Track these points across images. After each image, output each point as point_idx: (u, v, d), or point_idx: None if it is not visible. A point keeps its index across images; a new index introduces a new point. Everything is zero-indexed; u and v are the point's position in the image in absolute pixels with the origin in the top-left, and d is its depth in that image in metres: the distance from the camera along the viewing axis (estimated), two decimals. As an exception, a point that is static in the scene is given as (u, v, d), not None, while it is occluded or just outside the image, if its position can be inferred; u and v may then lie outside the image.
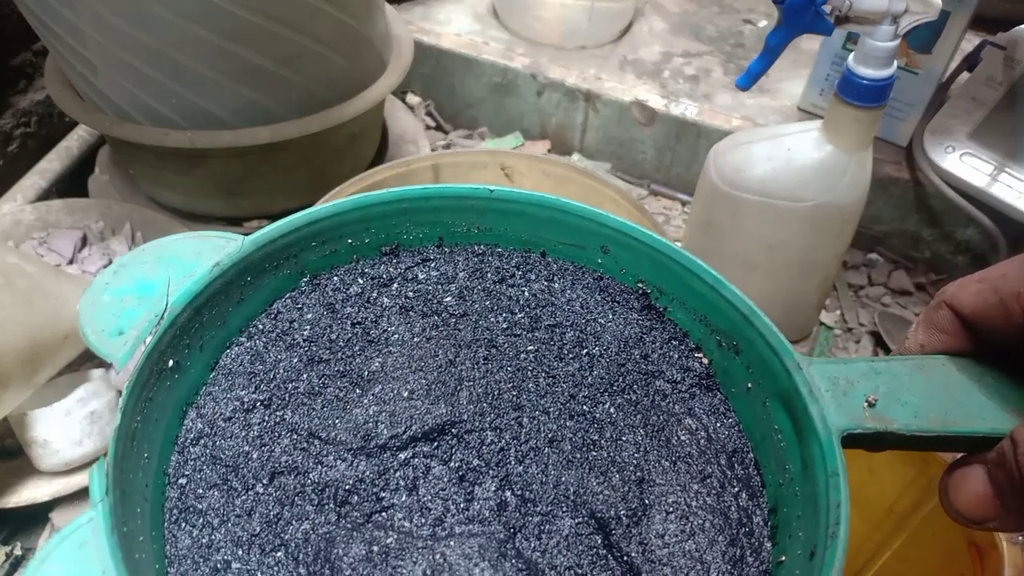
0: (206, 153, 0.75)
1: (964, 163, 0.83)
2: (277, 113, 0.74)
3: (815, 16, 0.60)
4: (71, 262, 0.79)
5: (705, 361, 0.35)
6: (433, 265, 0.37)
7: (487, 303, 0.36)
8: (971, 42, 0.88)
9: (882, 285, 0.92)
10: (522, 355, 0.34)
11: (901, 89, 0.85)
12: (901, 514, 0.57)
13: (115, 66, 0.70)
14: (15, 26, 0.87)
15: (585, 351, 0.34)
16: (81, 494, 0.66)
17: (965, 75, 0.87)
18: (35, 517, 0.67)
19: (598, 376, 0.34)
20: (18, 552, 0.66)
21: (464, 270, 0.37)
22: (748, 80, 0.67)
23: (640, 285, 0.36)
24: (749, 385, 0.32)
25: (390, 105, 1.01)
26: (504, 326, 0.35)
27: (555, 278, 0.37)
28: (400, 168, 0.70)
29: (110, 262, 0.79)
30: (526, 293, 0.36)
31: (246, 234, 0.33)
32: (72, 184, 0.91)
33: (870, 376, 0.29)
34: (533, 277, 0.37)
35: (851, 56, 0.64)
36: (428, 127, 1.09)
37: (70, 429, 0.63)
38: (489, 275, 0.37)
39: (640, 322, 0.36)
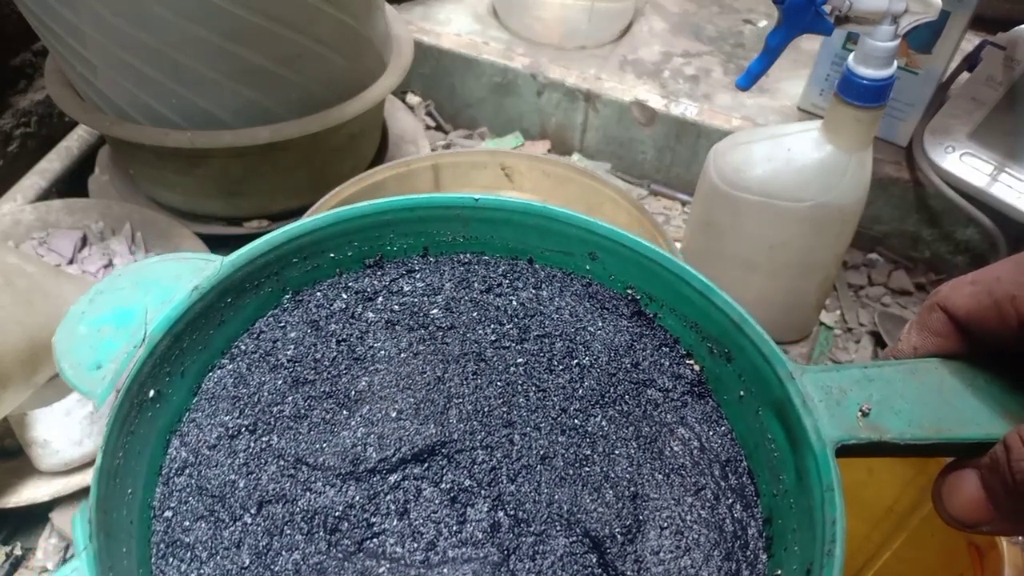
0: (206, 153, 0.75)
1: (964, 163, 0.83)
2: (277, 113, 0.74)
3: (815, 16, 0.60)
4: (71, 262, 0.79)
5: (696, 368, 0.34)
6: (419, 276, 0.36)
7: (474, 314, 0.35)
8: (971, 42, 0.88)
9: (882, 285, 0.92)
10: (511, 368, 0.33)
11: (901, 89, 0.85)
12: (901, 514, 0.57)
13: (115, 66, 0.70)
14: (15, 26, 0.87)
15: (575, 361, 0.34)
16: (81, 494, 0.66)
17: (965, 75, 0.87)
18: (35, 517, 0.67)
19: (589, 387, 0.33)
20: (18, 552, 0.66)
21: (450, 280, 0.36)
22: (748, 80, 0.67)
23: (629, 291, 0.36)
24: (741, 393, 0.32)
25: (390, 105, 1.01)
26: (492, 338, 0.34)
27: (543, 286, 0.36)
28: (400, 168, 0.70)
29: (110, 262, 0.79)
30: (514, 302, 0.36)
31: (246, 235, 0.33)
32: (72, 184, 0.91)
33: (863, 383, 0.29)
34: (521, 285, 0.36)
35: (851, 56, 0.64)
36: (428, 127, 1.09)
37: (70, 429, 0.63)
38: (476, 284, 0.36)
39: (630, 329, 0.35)
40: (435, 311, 0.35)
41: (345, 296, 0.35)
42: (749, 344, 0.31)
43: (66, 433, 0.63)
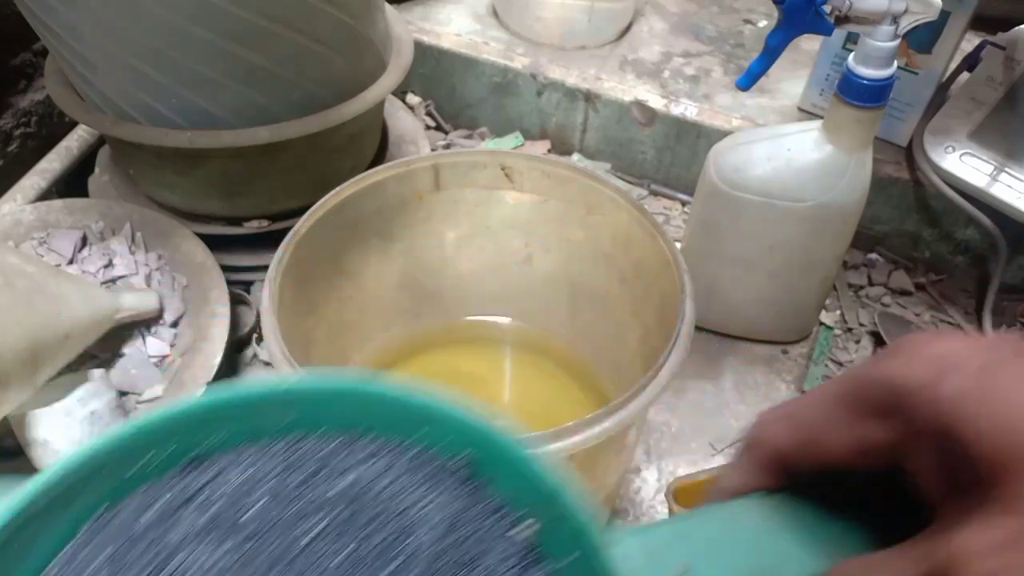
0: (206, 153, 0.75)
1: (964, 163, 0.83)
2: (277, 113, 0.74)
3: (815, 16, 0.60)
4: (71, 262, 0.79)
5: (529, 533, 0.32)
6: (241, 467, 0.32)
7: (298, 506, 0.32)
8: (971, 42, 0.88)
9: (882, 285, 0.92)
10: (336, 562, 0.30)
11: (901, 89, 0.85)
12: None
13: (115, 66, 0.70)
14: (15, 26, 0.87)
15: (409, 539, 0.31)
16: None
17: (965, 75, 0.87)
18: (35, 517, 0.67)
19: (421, 574, 0.30)
20: (18, 552, 0.66)
21: (276, 468, 0.32)
22: (748, 80, 0.67)
23: (460, 459, 0.33)
24: (575, 555, 0.30)
25: (390, 105, 1.01)
26: (321, 527, 0.31)
27: (373, 461, 0.33)
28: (400, 168, 0.70)
29: (110, 262, 0.79)
30: (340, 485, 0.32)
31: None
32: (72, 184, 0.91)
33: (677, 541, 0.27)
34: (351, 464, 0.33)
35: (851, 56, 0.64)
36: (428, 127, 1.09)
37: (70, 429, 0.63)
38: (302, 469, 0.33)
39: (462, 498, 0.33)
40: (251, 512, 0.31)
41: (151, 512, 0.30)
42: (568, 512, 0.29)
43: (66, 433, 0.63)
